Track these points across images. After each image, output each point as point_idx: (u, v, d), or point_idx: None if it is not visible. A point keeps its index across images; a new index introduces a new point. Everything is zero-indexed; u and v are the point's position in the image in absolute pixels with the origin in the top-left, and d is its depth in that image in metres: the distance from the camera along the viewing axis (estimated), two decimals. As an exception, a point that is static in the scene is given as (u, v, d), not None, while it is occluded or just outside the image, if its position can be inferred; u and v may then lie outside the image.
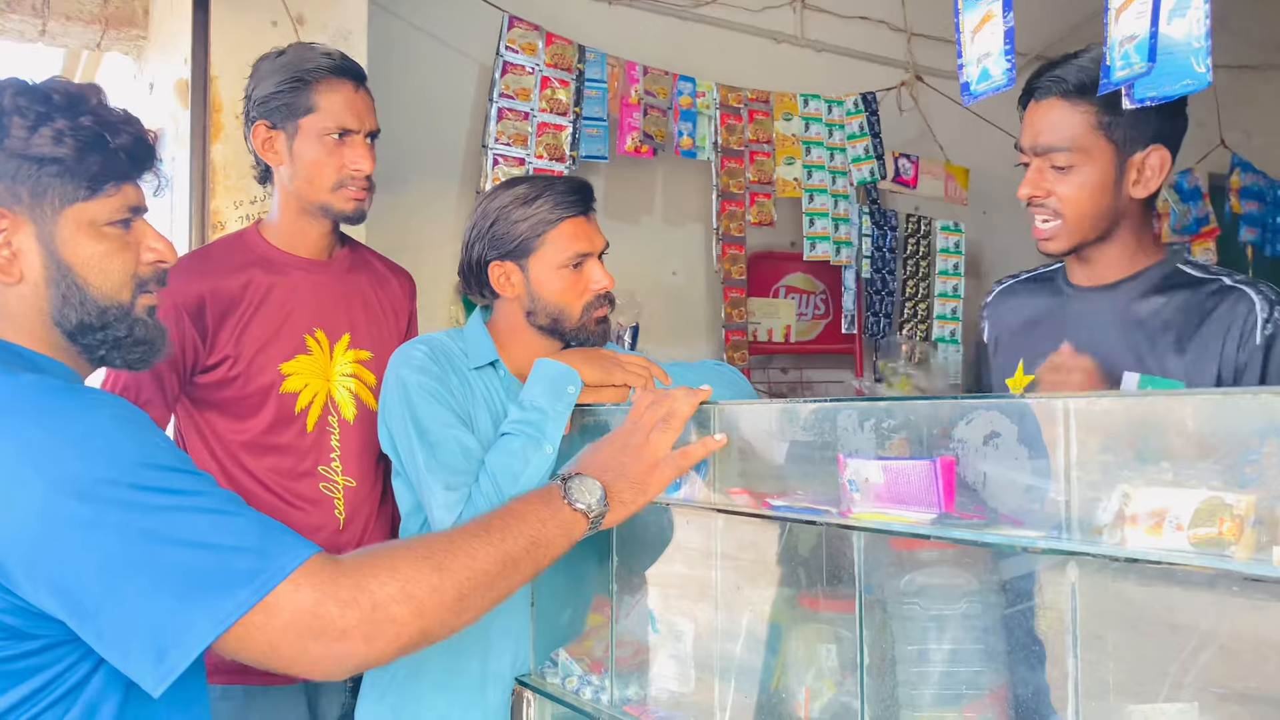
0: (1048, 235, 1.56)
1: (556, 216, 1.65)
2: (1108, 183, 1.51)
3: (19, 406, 0.98)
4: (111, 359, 1.16)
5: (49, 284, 1.10)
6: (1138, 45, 1.00)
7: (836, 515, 1.12)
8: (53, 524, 0.93)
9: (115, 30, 2.98)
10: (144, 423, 1.04)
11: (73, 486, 0.93)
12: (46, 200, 1.09)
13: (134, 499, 0.95)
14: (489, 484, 1.52)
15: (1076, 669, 0.90)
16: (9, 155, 1.07)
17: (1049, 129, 1.51)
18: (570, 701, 1.51)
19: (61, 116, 1.08)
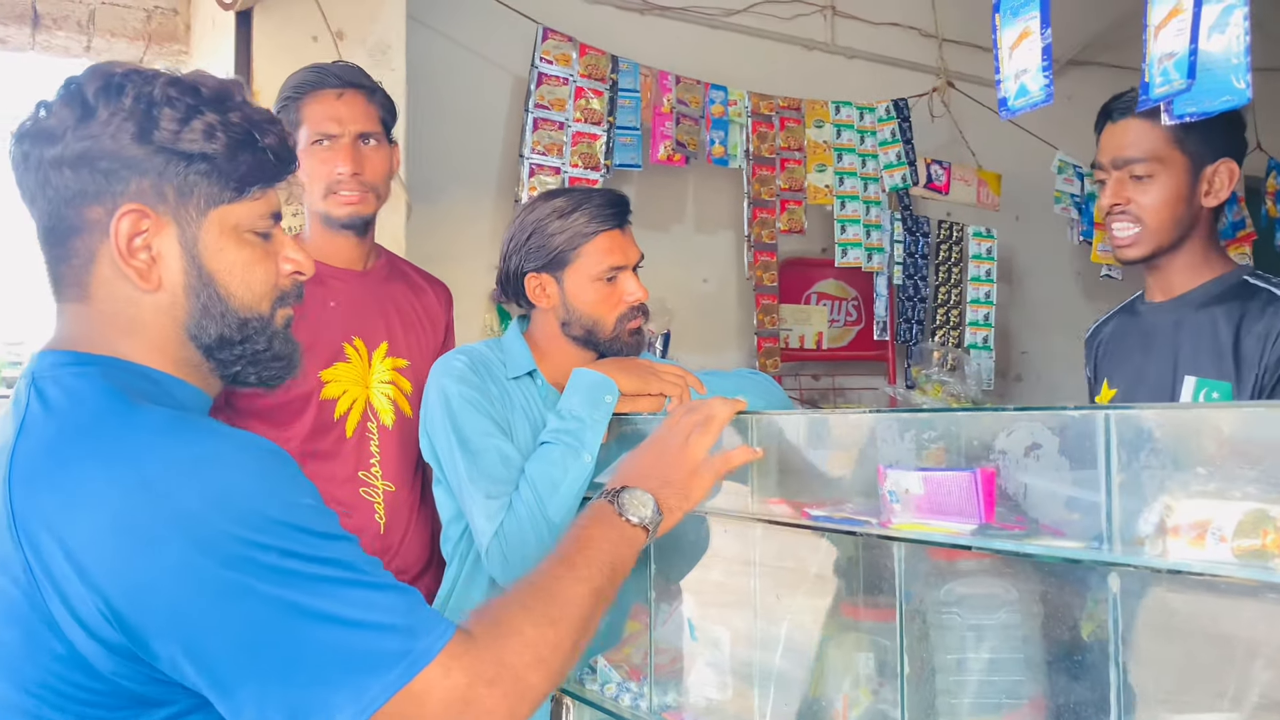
0: (1127, 242, 1.65)
1: (592, 230, 1.67)
2: (1182, 192, 1.62)
3: (154, 452, 0.88)
4: (245, 375, 1.06)
5: (189, 293, 0.99)
6: (1177, 62, 1.01)
7: (876, 526, 1.13)
8: (193, 588, 0.84)
9: (158, 46, 3.04)
10: (288, 471, 0.94)
11: (217, 549, 0.85)
12: (192, 201, 0.98)
13: (280, 565, 0.86)
14: (529, 492, 1.54)
15: (1118, 680, 0.90)
16: (157, 150, 0.95)
17: (1129, 144, 1.61)
18: (609, 708, 1.53)
19: (212, 111, 0.97)
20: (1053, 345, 4.74)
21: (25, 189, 0.98)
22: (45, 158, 0.95)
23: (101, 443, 0.89)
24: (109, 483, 0.86)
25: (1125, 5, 4.16)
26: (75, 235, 0.97)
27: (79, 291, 0.99)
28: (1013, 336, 4.76)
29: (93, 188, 0.95)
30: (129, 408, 0.92)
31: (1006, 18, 1.23)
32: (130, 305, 0.99)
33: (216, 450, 0.89)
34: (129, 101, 0.94)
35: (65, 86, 0.97)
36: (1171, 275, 1.68)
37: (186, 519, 0.85)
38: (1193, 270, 1.66)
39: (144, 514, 0.85)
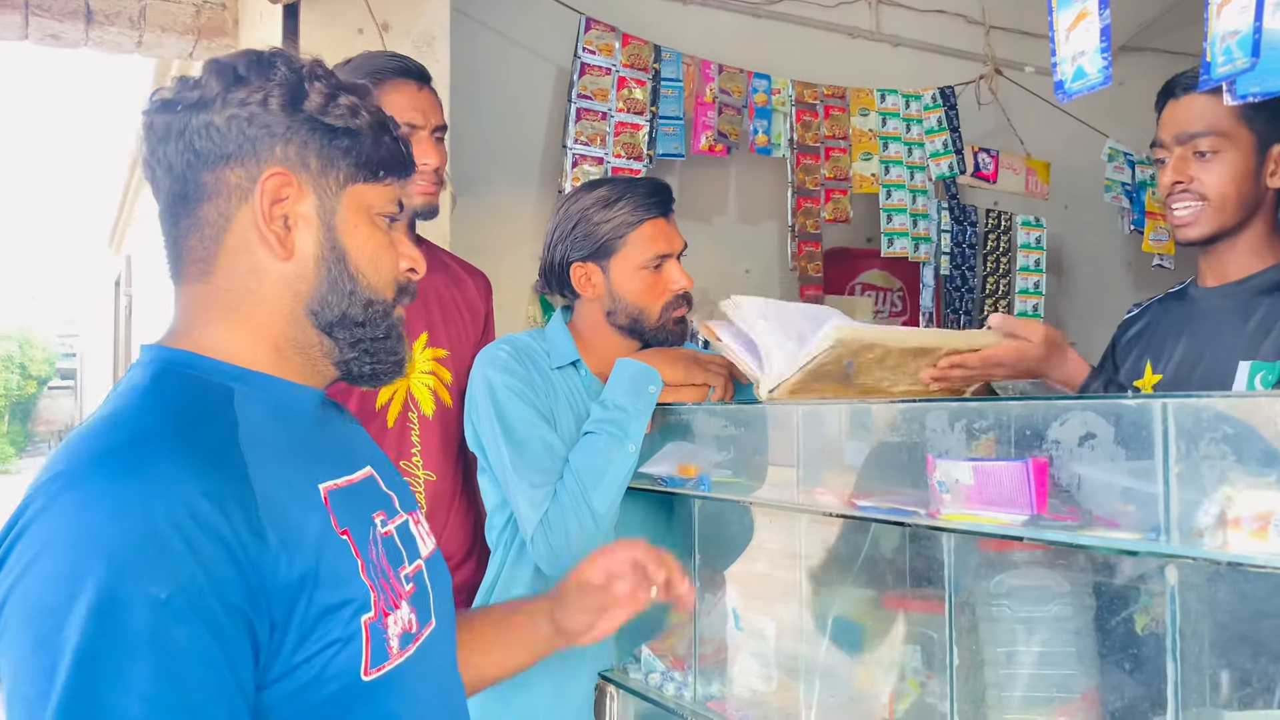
0: (1188, 220, 1.59)
1: (637, 218, 1.67)
2: (1248, 170, 1.56)
3: (84, 484, 0.85)
4: (360, 364, 1.03)
5: (319, 264, 0.98)
6: (1240, 40, 0.98)
7: (925, 516, 1.12)
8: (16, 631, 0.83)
9: (207, 40, 3.08)
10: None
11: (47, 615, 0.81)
12: (333, 174, 0.98)
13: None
14: (574, 482, 1.54)
15: (1176, 674, 0.88)
16: (305, 119, 0.96)
17: (1193, 119, 1.56)
18: (654, 697, 1.53)
19: (349, 94, 0.99)
20: (1101, 337, 4.63)
21: (160, 159, 0.98)
22: (192, 124, 0.95)
23: (77, 455, 0.89)
24: (47, 503, 0.85)
25: (1176, -10, 4.08)
26: (210, 200, 0.97)
27: (202, 268, 0.99)
28: (1061, 327, 4.66)
29: (237, 150, 0.95)
30: (129, 419, 0.91)
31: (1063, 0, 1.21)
32: (253, 278, 0.98)
33: (142, 513, 0.84)
34: (279, 74, 0.96)
35: (212, 63, 0.98)
36: (1229, 260, 1.61)
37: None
38: (1253, 255, 1.59)
39: (45, 542, 0.83)
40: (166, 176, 0.98)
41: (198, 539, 0.83)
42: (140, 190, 6.97)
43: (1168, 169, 1.60)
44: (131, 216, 7.73)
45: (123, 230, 8.45)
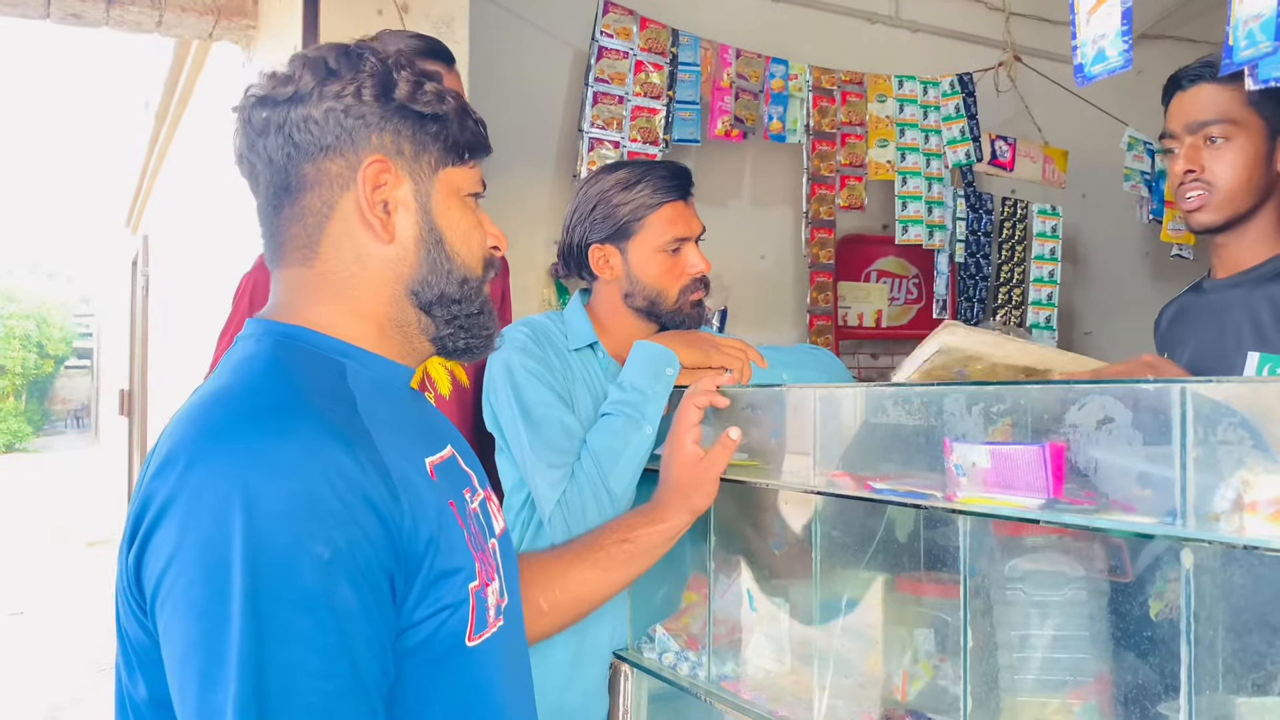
0: (1198, 206, 1.60)
1: (656, 201, 1.68)
2: (1259, 156, 1.57)
3: (241, 447, 0.87)
4: (455, 339, 1.08)
5: (419, 246, 1.04)
6: (1263, 24, 0.97)
7: (941, 499, 1.13)
8: (182, 593, 0.86)
9: (226, 20, 3.09)
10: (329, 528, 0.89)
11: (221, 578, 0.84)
12: (425, 158, 1.03)
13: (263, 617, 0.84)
14: (590, 463, 1.55)
15: (1191, 657, 0.89)
16: (397, 107, 1.01)
17: (1204, 107, 1.57)
18: (668, 676, 1.54)
19: (432, 81, 1.04)
20: (1117, 327, 4.65)
21: (260, 153, 1.01)
22: (290, 117, 0.99)
23: (221, 413, 0.91)
24: (201, 457, 0.87)
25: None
26: (312, 190, 1.01)
27: (306, 254, 1.02)
28: (1076, 317, 4.67)
29: (335, 141, 0.99)
30: (266, 384, 0.94)
31: (1085, -18, 1.20)
32: (356, 261, 1.02)
33: (302, 473, 0.86)
34: (369, 65, 1.00)
35: (301, 57, 1.02)
36: (1240, 249, 1.63)
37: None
38: (1263, 243, 1.61)
39: (206, 497, 0.85)
40: (267, 169, 1.01)
41: (351, 500, 0.87)
42: (159, 170, 6.99)
43: (1179, 158, 1.61)
44: (149, 196, 7.76)
45: (140, 210, 8.48)
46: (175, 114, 5.64)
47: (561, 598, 1.36)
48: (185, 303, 5.01)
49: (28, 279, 32.38)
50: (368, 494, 0.88)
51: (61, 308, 30.94)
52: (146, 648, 0.89)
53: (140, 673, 0.91)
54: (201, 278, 4.41)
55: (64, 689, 5.53)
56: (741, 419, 1.50)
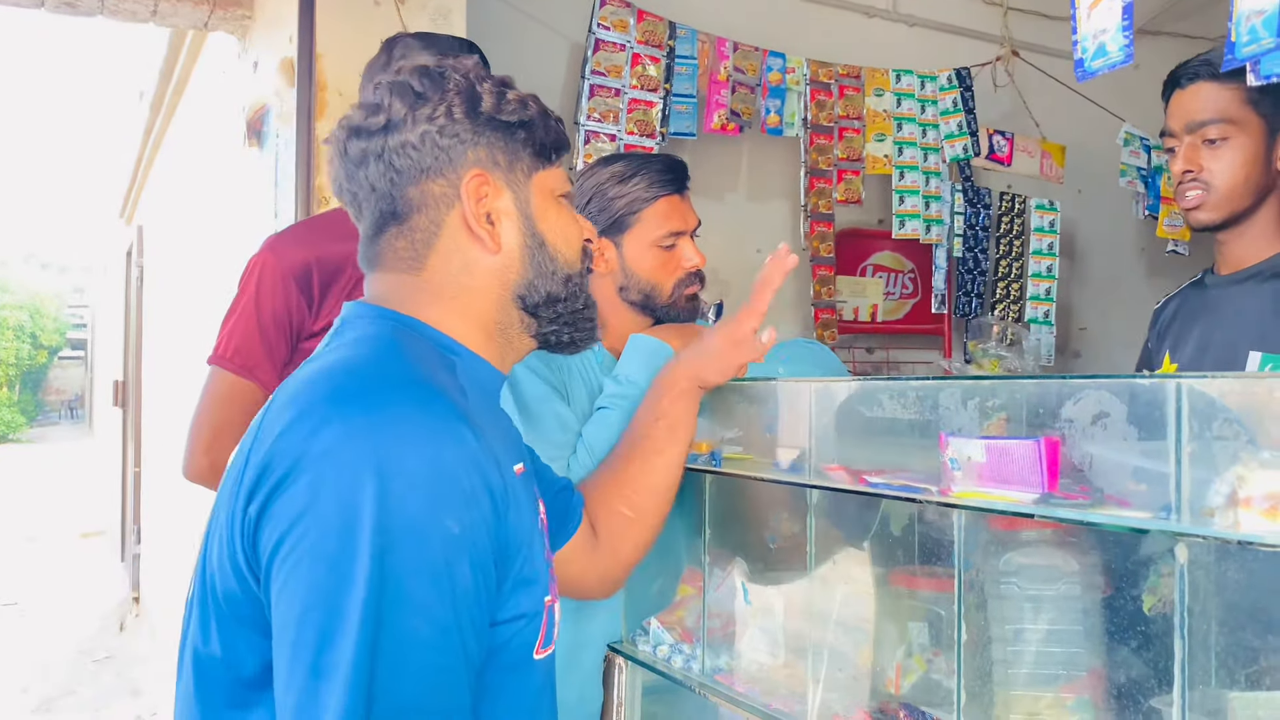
0: (1196, 205, 1.61)
1: (652, 194, 1.67)
2: (1258, 155, 1.58)
3: (395, 427, 0.87)
4: (560, 335, 1.12)
5: (525, 253, 1.07)
6: (1265, 20, 0.97)
7: (936, 493, 1.13)
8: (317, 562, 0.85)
9: (222, 10, 3.08)
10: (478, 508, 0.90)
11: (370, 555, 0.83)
12: (519, 166, 1.07)
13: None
14: (586, 456, 1.55)
15: (1183, 651, 0.89)
16: (486, 121, 1.04)
17: (1202, 107, 1.57)
18: (662, 669, 1.54)
19: (511, 88, 1.08)
20: (1113, 322, 4.66)
21: (361, 182, 1.04)
22: (389, 145, 1.02)
23: (354, 380, 0.91)
24: (337, 416, 0.86)
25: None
26: (419, 212, 1.04)
27: (412, 264, 1.05)
28: (1073, 312, 4.68)
29: (434, 163, 1.03)
30: (397, 362, 0.95)
31: (1084, -25, 1.20)
32: (464, 272, 1.05)
33: (440, 445, 0.87)
34: (453, 84, 1.03)
35: (385, 85, 1.04)
36: (1241, 246, 1.63)
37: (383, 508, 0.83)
38: (1265, 241, 1.61)
39: (343, 455, 0.84)
40: (370, 197, 1.04)
41: (477, 481, 0.88)
42: (153, 160, 6.96)
43: (1178, 157, 1.61)
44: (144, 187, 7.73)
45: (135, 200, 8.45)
46: (170, 104, 5.62)
47: (638, 497, 1.41)
48: (179, 294, 4.99)
49: (21, 269, 32.30)
50: (488, 479, 0.89)
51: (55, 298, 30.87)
52: (238, 604, 0.89)
53: (218, 631, 0.91)
54: (196, 268, 4.40)
55: (56, 680, 5.52)
56: (737, 412, 1.50)
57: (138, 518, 7.14)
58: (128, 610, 6.97)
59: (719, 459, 1.49)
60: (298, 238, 1.89)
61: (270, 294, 1.85)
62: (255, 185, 2.90)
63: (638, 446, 1.44)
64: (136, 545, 7.11)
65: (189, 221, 4.87)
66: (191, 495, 3.96)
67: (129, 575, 7.30)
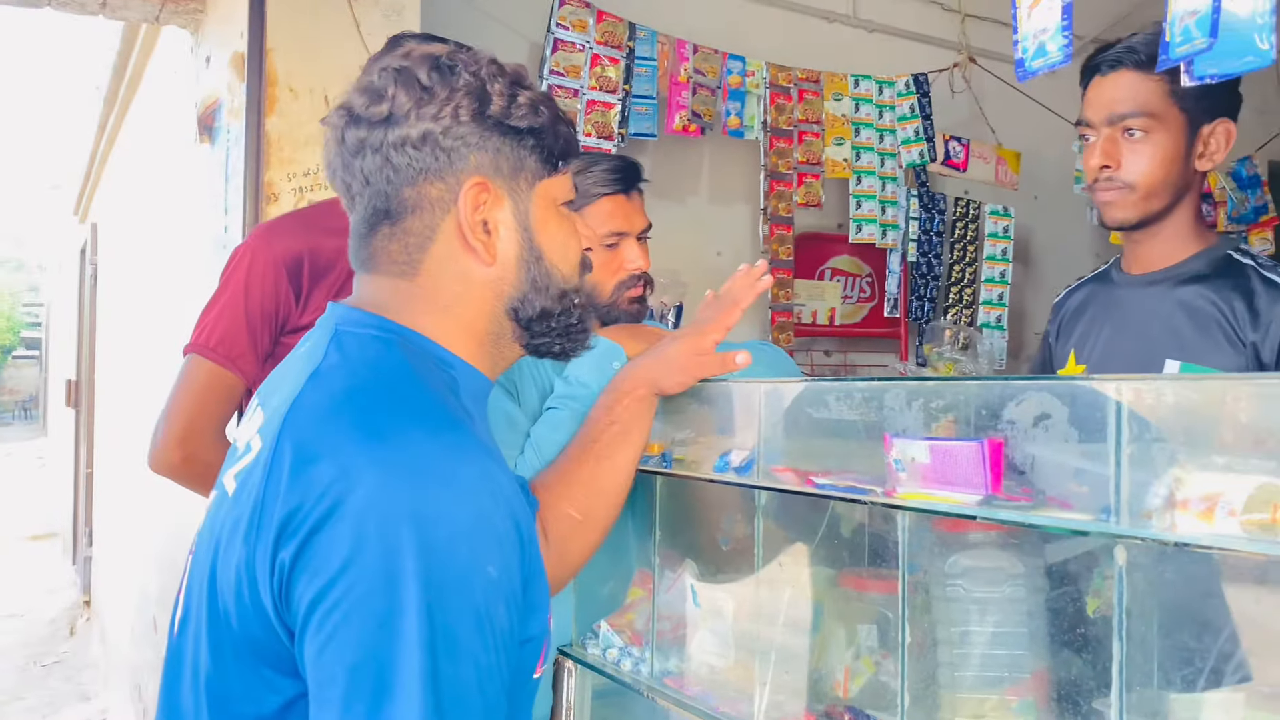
0: (1113, 201, 1.54)
1: (596, 193, 1.66)
2: (1179, 152, 1.51)
3: (430, 456, 0.86)
4: (551, 347, 1.08)
5: (520, 266, 1.02)
6: (1199, 20, 0.98)
7: (881, 495, 1.12)
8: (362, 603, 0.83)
9: (174, 4, 3.03)
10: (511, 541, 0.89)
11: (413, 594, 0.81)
12: (523, 175, 1.02)
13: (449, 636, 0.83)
14: (533, 456, 1.53)
15: (1122, 653, 0.90)
16: (493, 125, 0.99)
17: (1123, 98, 1.50)
18: (610, 672, 1.53)
19: (525, 89, 1.02)
20: (1068, 327, 4.70)
21: (356, 173, 0.99)
22: (388, 139, 0.97)
23: (381, 416, 0.88)
24: (371, 460, 0.84)
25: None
26: (413, 214, 0.99)
27: (405, 269, 1.00)
28: (1027, 317, 4.73)
29: (435, 165, 0.97)
30: (418, 393, 0.92)
31: (1026, -25, 1.21)
32: (458, 281, 1.00)
33: (476, 491, 0.86)
34: (463, 80, 0.98)
35: (391, 71, 0.98)
36: (1156, 246, 1.56)
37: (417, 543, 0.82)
38: (1179, 241, 1.54)
39: (384, 504, 0.82)
40: (365, 190, 0.99)
41: (509, 521, 0.87)
42: (108, 156, 6.85)
43: (1095, 149, 1.55)
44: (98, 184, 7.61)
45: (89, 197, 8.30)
46: (124, 100, 5.53)
47: (588, 501, 1.39)
48: (133, 292, 4.91)
49: (-27, 267, 31.67)
50: (516, 515, 0.88)
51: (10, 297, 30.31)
52: (261, 645, 0.86)
53: (236, 665, 0.88)
54: (149, 266, 4.32)
55: (4, 686, 5.41)
56: (688, 413, 1.49)
57: (90, 520, 7.02)
58: (78, 614, 6.84)
59: (670, 460, 1.49)
60: (291, 227, 1.85)
61: (260, 283, 1.80)
62: (206, 181, 2.85)
63: (589, 450, 1.42)
64: (88, 548, 6.98)
65: (142, 219, 4.80)
66: (147, 497, 3.90)
67: (80, 578, 7.18)
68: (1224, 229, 4.75)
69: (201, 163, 2.93)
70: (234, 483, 0.93)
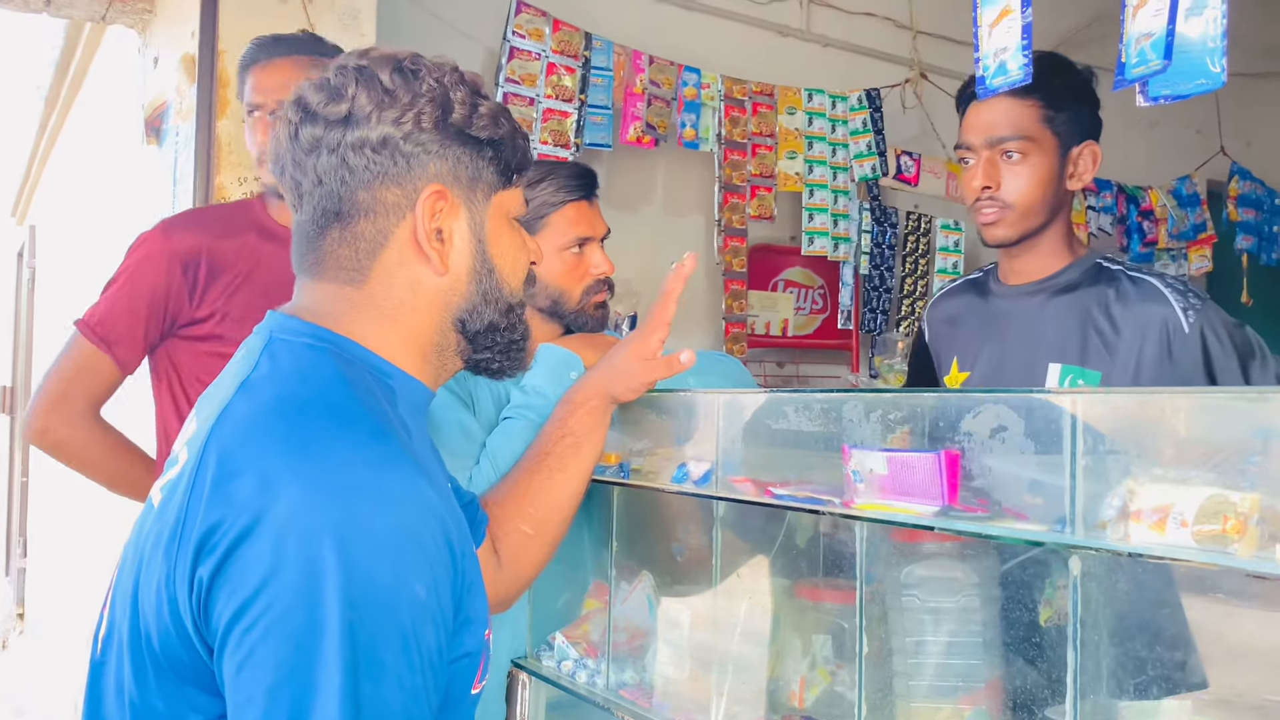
0: (993, 221, 1.62)
1: (560, 199, 1.66)
2: (1053, 174, 1.61)
3: (353, 472, 0.83)
4: (492, 362, 1.06)
5: (472, 278, 1.01)
6: (1154, 43, 1.01)
7: (839, 505, 1.13)
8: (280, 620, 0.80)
9: (121, 3, 2.97)
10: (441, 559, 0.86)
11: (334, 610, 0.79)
12: (480, 186, 1.00)
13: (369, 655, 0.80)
14: (489, 466, 1.52)
15: (1076, 662, 0.91)
16: (454, 134, 0.97)
17: (1001, 121, 1.60)
18: (565, 684, 1.52)
19: (485, 99, 1.00)
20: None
21: (308, 171, 0.96)
22: (345, 140, 0.94)
23: (306, 428, 0.86)
24: (293, 474, 0.82)
25: (1100, 3, 4.19)
26: (366, 217, 0.97)
27: (354, 275, 0.98)
28: (975, 330, 4.79)
29: (394, 170, 0.96)
30: (348, 404, 0.89)
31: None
32: (407, 290, 0.98)
33: (403, 506, 0.83)
34: (426, 86, 0.96)
35: (351, 71, 0.96)
36: (1032, 260, 1.66)
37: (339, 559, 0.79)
38: (1053, 255, 1.64)
39: (305, 520, 0.80)
40: (316, 189, 0.97)
41: (438, 538, 0.84)
42: (48, 157, 6.70)
43: (976, 171, 1.62)
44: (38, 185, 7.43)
45: (28, 199, 8.11)
46: (67, 99, 5.41)
47: (539, 514, 1.37)
48: (74, 295, 4.80)
49: (-96, 269, 30.75)
50: (448, 532, 0.86)
51: (-59, 300, 29.44)
52: (180, 662, 0.84)
53: (158, 684, 0.85)
54: (92, 269, 4.23)
55: (-68, 701, 5.24)
56: (646, 423, 1.49)
57: (24, 529, 6.83)
58: (11, 628, 6.65)
59: (628, 471, 1.48)
60: (191, 223, 1.86)
61: (152, 272, 1.81)
62: (154, 183, 2.80)
63: (542, 462, 1.40)
64: (22, 559, 6.80)
65: (85, 221, 4.69)
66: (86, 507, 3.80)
67: (13, 590, 6.98)
68: (1165, 245, 4.87)
69: (148, 165, 2.88)
70: (160, 495, 0.90)
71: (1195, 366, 1.48)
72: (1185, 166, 5.00)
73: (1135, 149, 4.69)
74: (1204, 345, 1.48)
